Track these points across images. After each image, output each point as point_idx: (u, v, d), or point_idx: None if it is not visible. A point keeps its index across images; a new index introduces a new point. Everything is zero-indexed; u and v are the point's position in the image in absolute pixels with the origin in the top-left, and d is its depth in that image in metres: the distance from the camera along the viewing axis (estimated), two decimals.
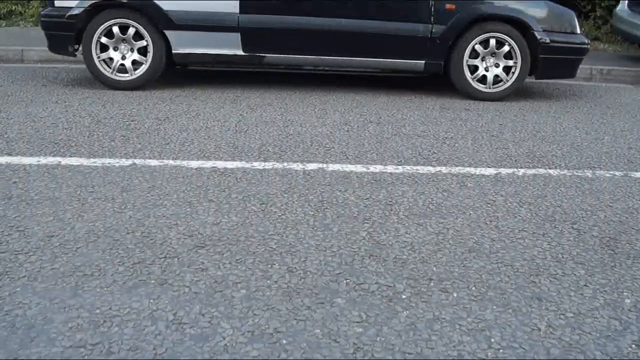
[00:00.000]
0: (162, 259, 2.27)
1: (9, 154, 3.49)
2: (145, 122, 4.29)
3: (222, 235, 2.50)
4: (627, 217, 2.91)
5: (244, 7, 5.23)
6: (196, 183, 3.11)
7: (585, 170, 3.63)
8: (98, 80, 5.39)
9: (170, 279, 2.13)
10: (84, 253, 2.30)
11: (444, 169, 3.50)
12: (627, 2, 8.01)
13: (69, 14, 5.21)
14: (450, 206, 2.94)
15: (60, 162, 3.38)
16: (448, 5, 5.32)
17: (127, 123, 4.26)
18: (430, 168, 3.51)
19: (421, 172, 3.44)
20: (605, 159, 3.90)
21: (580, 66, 5.85)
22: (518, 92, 5.63)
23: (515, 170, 3.56)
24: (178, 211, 2.73)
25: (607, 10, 9.40)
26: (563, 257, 2.43)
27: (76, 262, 2.23)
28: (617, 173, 3.61)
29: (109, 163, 3.38)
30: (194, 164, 3.41)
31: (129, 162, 3.41)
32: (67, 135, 3.90)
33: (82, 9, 5.19)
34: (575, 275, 2.29)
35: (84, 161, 3.41)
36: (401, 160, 3.63)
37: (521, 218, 2.83)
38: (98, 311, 1.92)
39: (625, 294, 2.18)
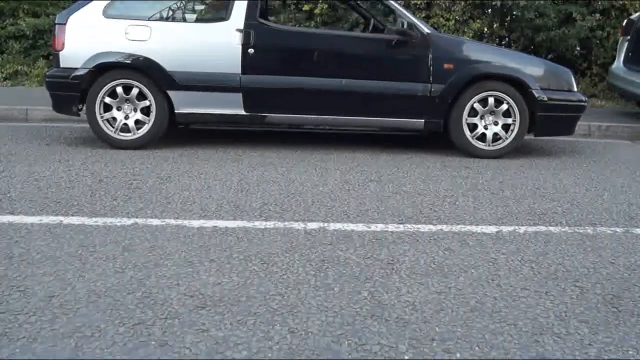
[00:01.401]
0: (163, 320, 2.26)
1: (12, 213, 3.50)
2: (147, 181, 4.31)
3: (223, 295, 2.49)
4: (629, 274, 2.90)
5: (246, 68, 5.32)
6: (198, 243, 3.11)
7: (586, 227, 3.63)
8: (101, 140, 5.44)
9: (171, 340, 2.12)
10: (84, 313, 2.29)
11: (445, 227, 3.51)
12: (622, 59, 8.14)
13: (74, 74, 5.30)
14: (451, 265, 2.93)
15: (62, 221, 3.39)
16: (446, 65, 5.40)
17: (129, 182, 4.28)
18: (432, 226, 3.52)
19: (422, 230, 3.44)
20: (606, 215, 3.91)
21: (579, 123, 5.91)
22: (517, 149, 5.67)
23: (516, 227, 3.56)
24: (179, 271, 2.73)
25: (603, 67, 9.55)
26: (566, 316, 2.42)
27: (76, 323, 2.21)
28: (618, 229, 3.61)
29: (110, 222, 3.39)
30: (196, 223, 3.42)
31: (131, 221, 3.42)
32: (69, 194, 3.92)
33: (86, 70, 5.28)
34: (579, 334, 2.27)
35: (85, 220, 3.41)
36: (402, 219, 3.63)
37: (523, 276, 2.82)
38: None
39: (630, 352, 2.16)
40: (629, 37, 8.08)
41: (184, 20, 5.70)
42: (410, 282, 2.69)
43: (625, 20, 8.42)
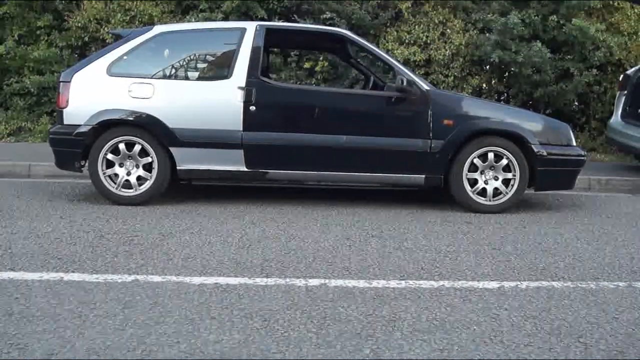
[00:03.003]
0: None
1: (12, 269, 3.50)
2: (148, 238, 4.32)
3: (224, 353, 2.47)
4: (633, 329, 2.88)
5: (247, 125, 5.37)
6: (198, 300, 3.09)
7: (589, 282, 3.62)
8: (103, 196, 5.46)
9: None
10: None
11: (446, 283, 3.49)
12: (620, 114, 8.22)
13: (77, 131, 5.36)
14: (454, 321, 2.91)
15: (62, 277, 3.39)
16: (446, 121, 5.46)
17: (130, 238, 4.28)
18: (433, 282, 3.50)
19: (424, 286, 3.43)
20: (608, 269, 3.89)
21: (579, 176, 5.94)
22: (518, 204, 5.68)
23: (519, 283, 3.55)
24: (180, 329, 2.71)
25: (602, 122, 9.64)
26: None
27: None
28: (620, 284, 3.60)
29: (111, 279, 3.38)
30: (197, 280, 3.41)
31: (132, 278, 3.41)
32: (70, 251, 3.92)
33: (90, 127, 5.34)
34: None
35: (86, 277, 3.41)
36: (404, 275, 3.62)
37: (526, 332, 2.80)
38: None
39: None
40: (625, 92, 8.19)
41: (187, 78, 5.79)
42: (413, 339, 2.67)
43: (622, 75, 8.55)
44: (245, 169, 5.46)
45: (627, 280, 3.68)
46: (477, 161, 5.50)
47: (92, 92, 5.43)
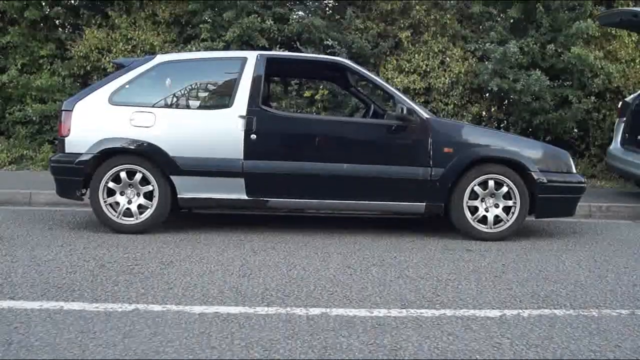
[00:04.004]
0: None
1: (12, 298, 3.49)
2: (149, 266, 4.31)
3: None
4: (636, 358, 2.87)
5: (248, 154, 5.39)
6: (199, 329, 3.08)
7: (591, 310, 3.60)
8: (104, 224, 5.47)
9: None
10: None
11: (448, 312, 3.48)
12: (619, 140, 8.25)
13: (79, 159, 5.38)
14: (456, 350, 2.90)
15: (62, 306, 3.38)
16: (446, 149, 5.47)
17: (130, 267, 4.28)
18: (435, 311, 3.49)
19: (425, 315, 3.41)
20: (610, 297, 3.88)
21: (579, 203, 5.94)
22: (519, 231, 5.68)
23: (520, 311, 3.54)
24: (180, 359, 2.69)
25: (601, 148, 9.66)
26: None
27: None
28: (623, 311, 3.58)
29: (111, 308, 3.37)
30: (197, 309, 3.39)
31: (132, 307, 3.40)
32: (70, 280, 3.91)
33: (91, 155, 5.36)
34: None
35: (86, 306, 3.40)
36: (405, 304, 3.61)
37: None
38: None
39: None
40: (624, 119, 8.22)
41: (188, 106, 5.81)
42: None
43: (621, 103, 8.60)
44: (246, 198, 5.47)
45: (629, 307, 3.67)
46: (477, 189, 5.51)
47: (94, 120, 5.46)
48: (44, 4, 10.31)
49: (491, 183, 5.50)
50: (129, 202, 5.43)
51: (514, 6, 9.65)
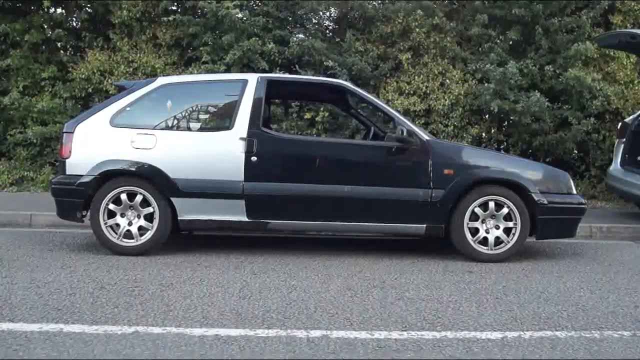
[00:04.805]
0: None
1: (11, 320, 3.48)
2: (149, 288, 4.30)
3: None
4: None
5: (249, 176, 5.40)
6: (199, 352, 3.07)
7: (593, 331, 3.59)
8: (104, 246, 5.46)
9: None
10: None
11: (449, 334, 3.47)
12: (619, 161, 8.26)
13: (80, 181, 5.38)
14: None
15: (62, 329, 3.37)
16: (446, 171, 5.48)
17: (130, 289, 4.27)
18: (436, 333, 3.48)
19: (426, 337, 3.40)
20: (612, 318, 3.87)
21: (580, 224, 5.94)
22: (520, 253, 5.67)
23: (522, 333, 3.52)
24: None
25: (601, 169, 9.67)
26: None
27: None
28: (625, 333, 3.57)
29: (111, 330, 3.36)
30: (197, 332, 3.38)
31: (132, 329, 3.39)
32: (70, 302, 3.90)
33: (92, 177, 5.37)
34: None
35: (86, 328, 3.39)
36: (406, 326, 3.60)
37: None
38: None
39: None
40: (624, 140, 8.24)
41: (189, 129, 5.82)
42: None
43: (620, 124, 8.62)
44: (247, 219, 5.47)
45: (631, 329, 3.65)
46: (478, 210, 5.51)
47: (95, 142, 5.48)
48: (45, 26, 10.37)
49: (492, 204, 5.50)
50: (130, 223, 5.43)
51: (513, 28, 9.72)
